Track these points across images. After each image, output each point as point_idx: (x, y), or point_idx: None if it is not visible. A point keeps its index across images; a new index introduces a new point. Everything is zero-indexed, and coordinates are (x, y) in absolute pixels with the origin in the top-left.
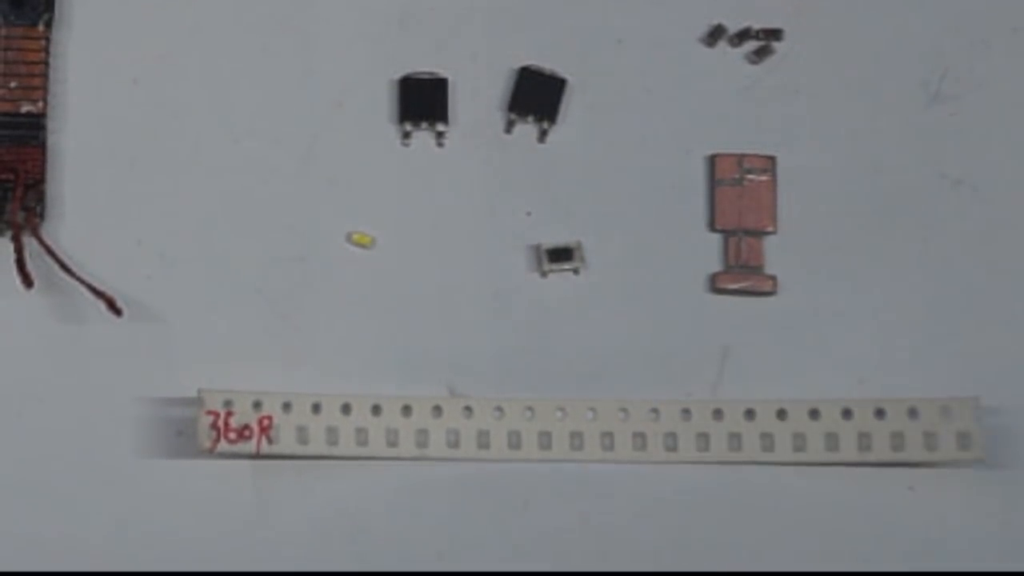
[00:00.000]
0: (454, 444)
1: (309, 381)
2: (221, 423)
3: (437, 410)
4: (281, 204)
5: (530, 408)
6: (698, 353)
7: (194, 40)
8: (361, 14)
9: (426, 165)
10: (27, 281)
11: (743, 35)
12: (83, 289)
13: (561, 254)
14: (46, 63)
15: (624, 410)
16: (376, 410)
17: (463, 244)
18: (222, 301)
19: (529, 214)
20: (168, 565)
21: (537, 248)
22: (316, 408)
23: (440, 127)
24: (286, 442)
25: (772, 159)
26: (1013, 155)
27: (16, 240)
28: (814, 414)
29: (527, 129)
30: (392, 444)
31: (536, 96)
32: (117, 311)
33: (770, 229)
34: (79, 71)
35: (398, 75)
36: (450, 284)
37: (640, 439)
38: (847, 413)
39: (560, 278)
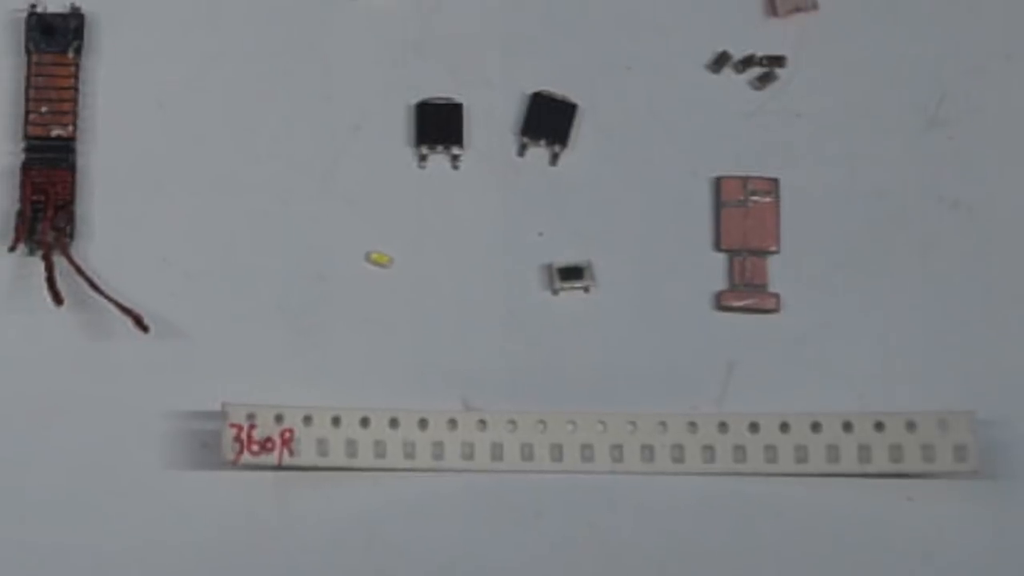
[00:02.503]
0: (469, 456)
1: (329, 395)
2: (244, 436)
3: (452, 423)
4: (301, 224)
5: (542, 421)
6: (704, 368)
7: (217, 66)
8: (379, 41)
9: (442, 187)
10: (57, 298)
11: (747, 62)
12: (111, 306)
13: (572, 273)
14: (75, 89)
15: (633, 423)
16: (393, 423)
17: (477, 263)
18: (245, 318)
19: (541, 234)
20: (193, 573)
21: (549, 267)
22: (336, 421)
23: (455, 150)
24: (307, 454)
25: (775, 181)
26: (1008, 177)
27: (47, 259)
28: (816, 427)
29: (539, 152)
30: (409, 456)
31: (548, 120)
32: (144, 327)
33: (773, 249)
34: (107, 96)
35: (415, 100)
36: (465, 302)
37: (648, 451)
38: (847, 426)
39: (571, 296)
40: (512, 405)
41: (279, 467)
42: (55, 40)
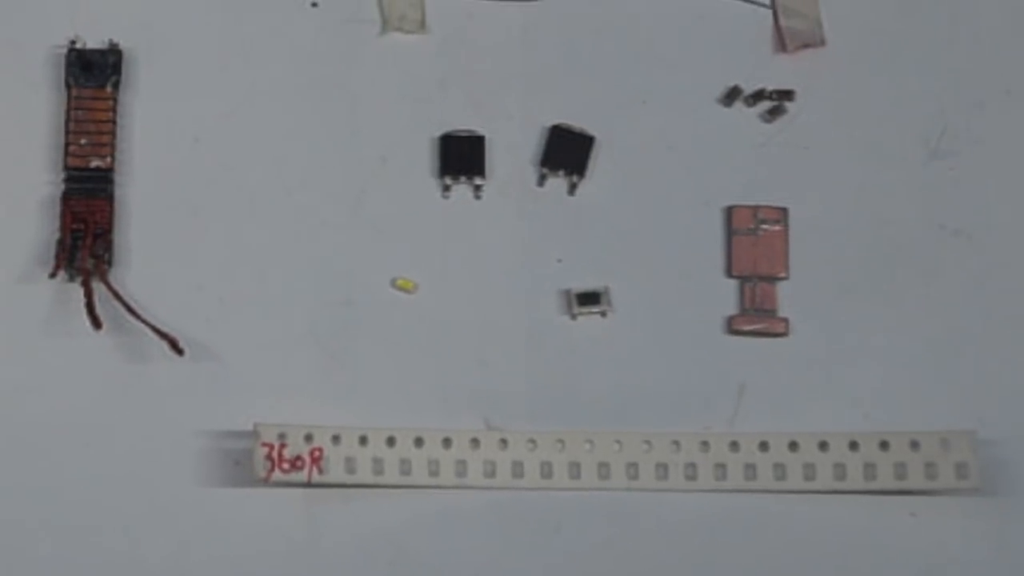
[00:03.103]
0: (491, 474)
1: (356, 415)
2: (275, 454)
3: (475, 442)
4: (330, 252)
5: (561, 440)
6: (716, 390)
7: (251, 101)
8: (404, 77)
9: (465, 216)
10: (96, 323)
11: (758, 96)
12: (148, 330)
13: (589, 298)
14: (114, 122)
15: (648, 442)
16: (418, 442)
17: (499, 289)
18: (276, 341)
19: (560, 261)
20: None
21: (567, 293)
22: (363, 440)
23: (478, 181)
24: (335, 472)
25: (784, 210)
26: (1007, 207)
27: (86, 285)
28: (823, 446)
29: (558, 183)
30: (433, 474)
31: (566, 152)
32: (179, 351)
33: (783, 275)
34: (144, 129)
35: (439, 132)
36: (487, 326)
37: (663, 469)
38: (854, 445)
39: (588, 320)
40: (532, 425)
41: (308, 484)
42: (94, 75)
